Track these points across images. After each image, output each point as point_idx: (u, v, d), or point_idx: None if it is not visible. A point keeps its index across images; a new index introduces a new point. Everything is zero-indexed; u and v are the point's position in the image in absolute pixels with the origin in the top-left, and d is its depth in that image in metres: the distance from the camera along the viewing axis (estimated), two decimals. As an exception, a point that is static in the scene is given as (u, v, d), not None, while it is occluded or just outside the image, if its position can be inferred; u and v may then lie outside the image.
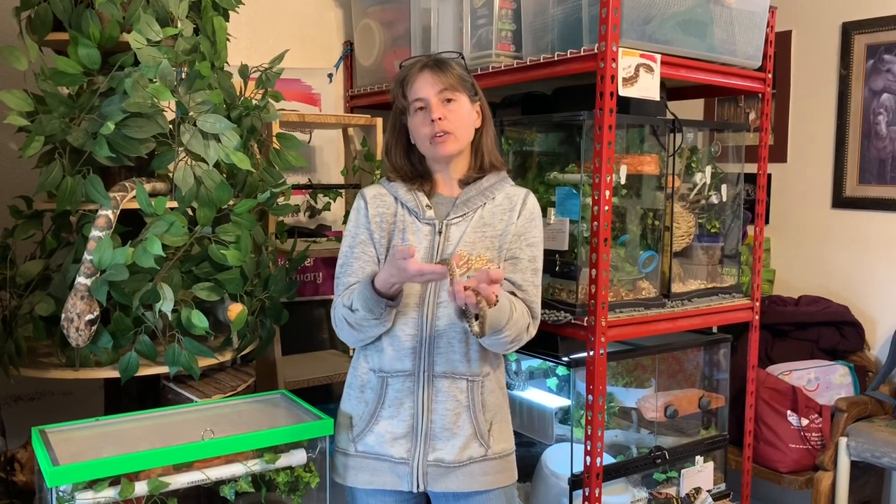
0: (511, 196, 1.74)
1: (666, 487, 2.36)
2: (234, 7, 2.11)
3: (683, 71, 2.14)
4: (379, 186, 1.78)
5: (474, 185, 1.73)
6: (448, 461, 1.68)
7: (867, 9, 2.95)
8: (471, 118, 1.71)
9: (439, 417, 1.67)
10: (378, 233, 1.71)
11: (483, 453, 1.70)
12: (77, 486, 1.49)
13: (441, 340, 1.67)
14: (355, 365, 1.77)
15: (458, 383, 1.68)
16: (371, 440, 1.70)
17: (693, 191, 2.37)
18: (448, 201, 1.73)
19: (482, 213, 1.71)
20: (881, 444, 2.51)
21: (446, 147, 1.67)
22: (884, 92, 2.93)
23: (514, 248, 1.71)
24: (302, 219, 2.91)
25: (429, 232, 1.70)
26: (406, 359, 1.67)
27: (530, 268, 1.71)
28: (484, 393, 1.70)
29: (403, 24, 2.66)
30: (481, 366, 1.70)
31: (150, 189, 1.90)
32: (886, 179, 2.94)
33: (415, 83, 1.67)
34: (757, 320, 2.50)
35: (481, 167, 1.75)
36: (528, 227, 1.73)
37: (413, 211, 1.71)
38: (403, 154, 1.75)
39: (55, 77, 1.81)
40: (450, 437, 1.67)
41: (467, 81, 1.71)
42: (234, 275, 1.93)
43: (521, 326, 1.63)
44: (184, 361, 1.86)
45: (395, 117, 1.75)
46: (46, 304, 1.85)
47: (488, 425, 1.71)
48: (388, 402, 1.69)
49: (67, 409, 2.47)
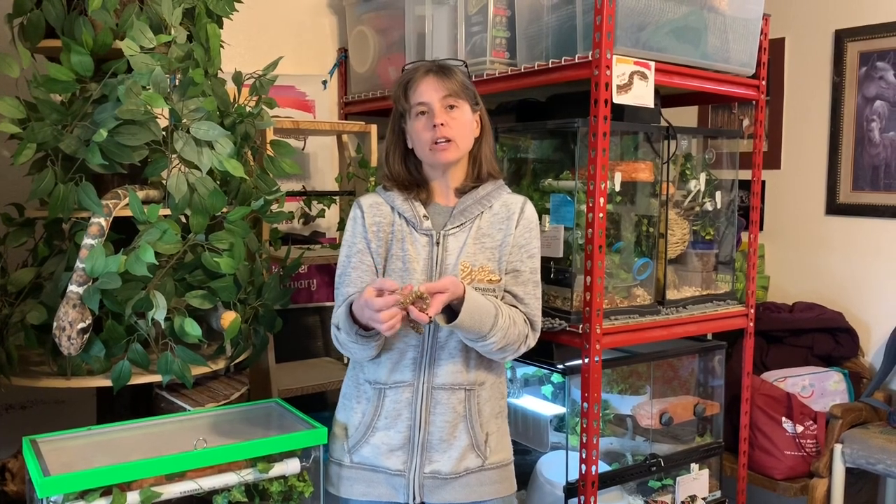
0: (508, 204, 1.72)
1: (661, 495, 2.35)
2: (228, 14, 2.11)
3: (677, 78, 2.14)
4: (375, 195, 1.75)
5: (471, 195, 1.70)
6: (445, 473, 1.66)
7: (860, 16, 2.97)
8: (471, 127, 1.69)
9: (437, 429, 1.65)
10: (375, 242, 1.69)
11: (480, 464, 1.68)
12: (68, 496, 1.48)
13: (443, 352, 1.65)
14: (351, 374, 1.75)
15: (457, 394, 1.66)
16: (367, 451, 1.68)
17: (687, 197, 2.38)
18: (445, 211, 1.71)
19: (480, 224, 1.69)
20: (876, 451, 2.51)
21: (447, 154, 1.65)
22: (877, 99, 2.94)
23: (515, 261, 1.69)
24: (296, 226, 2.90)
25: (426, 243, 1.67)
26: (406, 370, 1.65)
27: (532, 280, 1.70)
28: (481, 402, 1.69)
29: (398, 32, 2.66)
30: (479, 374, 1.68)
31: (143, 196, 1.89)
32: (880, 186, 2.95)
33: (418, 87, 1.65)
34: (751, 327, 2.50)
35: (478, 176, 1.72)
36: (528, 238, 1.70)
37: (410, 221, 1.69)
38: (401, 160, 1.72)
39: (47, 84, 1.80)
40: (446, 449, 1.66)
41: (469, 90, 1.70)
42: (228, 282, 1.92)
43: (511, 335, 1.61)
44: (177, 370, 1.85)
45: (394, 121, 1.73)
46: (38, 312, 1.84)
47: (485, 435, 1.69)
48: (385, 414, 1.66)
49: (59, 418, 2.45)
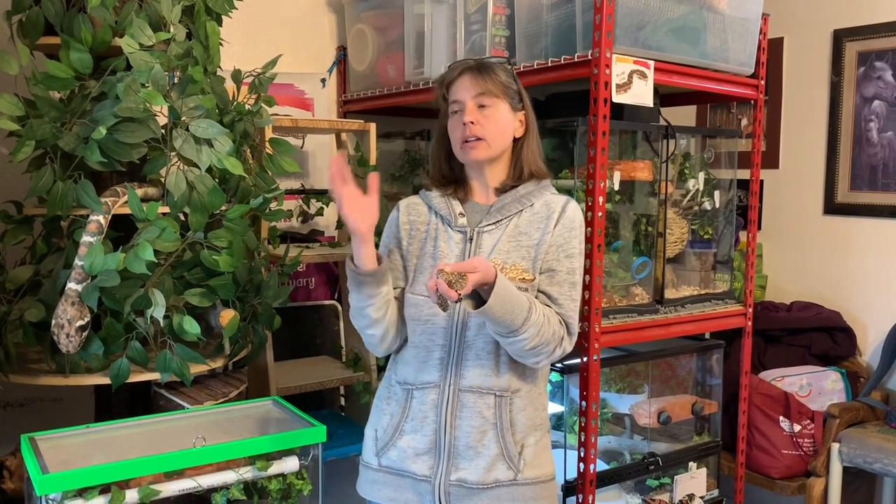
0: (550, 203, 1.64)
1: (659, 494, 2.36)
2: (227, 12, 2.11)
3: (676, 77, 2.14)
4: (415, 196, 1.74)
5: (510, 193, 1.65)
6: (472, 482, 1.57)
7: (858, 16, 2.97)
8: (508, 126, 1.63)
9: (463, 434, 1.58)
10: (407, 240, 1.67)
11: (512, 477, 1.58)
12: (67, 493, 1.48)
13: (470, 352, 1.59)
14: (387, 376, 1.71)
15: (486, 399, 1.58)
16: (394, 455, 1.63)
17: (686, 197, 2.38)
18: (482, 209, 1.66)
19: (518, 222, 1.63)
20: (873, 450, 2.52)
21: (476, 153, 1.61)
22: (875, 99, 2.94)
23: (552, 260, 1.61)
24: (294, 224, 2.90)
25: (460, 240, 1.63)
26: (433, 371, 1.60)
27: (568, 281, 1.60)
28: (513, 411, 1.59)
29: (397, 30, 2.65)
30: (511, 380, 1.59)
31: (142, 194, 1.89)
32: (878, 186, 2.95)
33: (454, 85, 1.64)
34: (749, 326, 2.51)
35: (520, 176, 1.66)
36: (568, 238, 1.62)
37: (445, 219, 1.66)
38: (445, 158, 1.70)
39: (46, 81, 1.80)
40: (474, 457, 1.57)
41: (511, 89, 1.64)
42: (226, 280, 1.92)
43: (546, 334, 1.52)
44: (175, 368, 1.85)
45: (440, 120, 1.71)
46: (36, 309, 1.84)
47: (519, 447, 1.59)
48: (412, 416, 1.61)
49: (57, 415, 2.45)
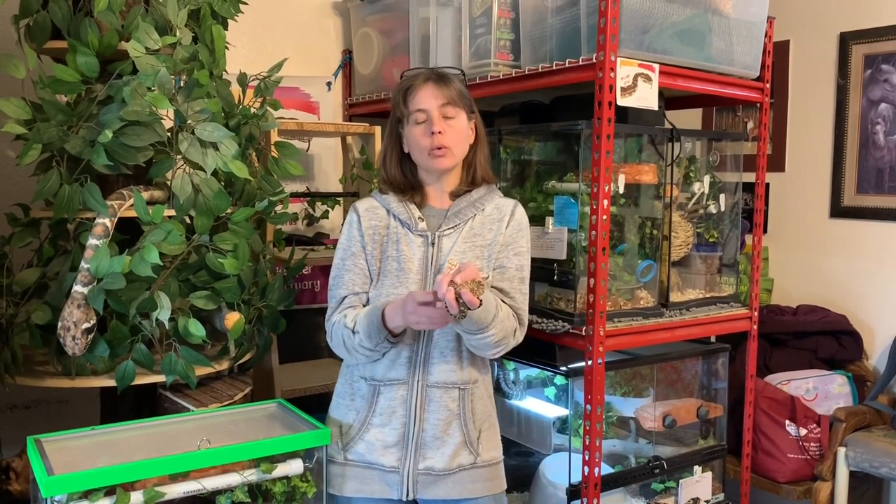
0: (500, 207, 1.78)
1: (664, 497, 2.35)
2: (232, 16, 2.12)
3: (681, 80, 2.14)
4: (371, 199, 1.81)
5: (464, 198, 1.77)
6: (438, 469, 1.70)
7: (865, 19, 2.96)
8: (467, 135, 1.75)
9: (431, 427, 1.69)
10: (371, 245, 1.74)
11: (472, 461, 1.73)
12: (72, 495, 1.48)
13: (435, 350, 1.69)
14: (345, 372, 1.79)
15: (451, 392, 1.70)
16: (361, 448, 1.72)
17: (691, 200, 2.37)
18: (439, 213, 1.76)
19: (472, 224, 1.75)
20: (880, 454, 2.51)
21: (444, 161, 1.71)
22: (881, 102, 2.93)
23: (502, 258, 1.74)
24: (300, 227, 2.90)
25: (421, 243, 1.73)
26: (402, 368, 1.69)
27: (517, 276, 1.74)
28: (474, 401, 1.74)
29: (402, 33, 2.66)
30: (472, 373, 1.73)
31: (148, 197, 1.89)
32: (884, 189, 2.94)
33: (418, 94, 1.70)
34: (755, 329, 2.50)
35: (472, 181, 1.78)
36: (516, 237, 1.76)
37: (405, 223, 1.74)
38: (397, 163, 1.78)
39: (53, 85, 1.81)
40: (440, 446, 1.70)
41: (466, 98, 1.75)
42: (232, 283, 1.92)
43: (507, 328, 1.65)
44: (180, 370, 1.85)
45: (391, 126, 1.79)
46: (43, 312, 1.85)
47: (477, 433, 1.74)
48: (380, 411, 1.71)
49: (63, 417, 2.46)
